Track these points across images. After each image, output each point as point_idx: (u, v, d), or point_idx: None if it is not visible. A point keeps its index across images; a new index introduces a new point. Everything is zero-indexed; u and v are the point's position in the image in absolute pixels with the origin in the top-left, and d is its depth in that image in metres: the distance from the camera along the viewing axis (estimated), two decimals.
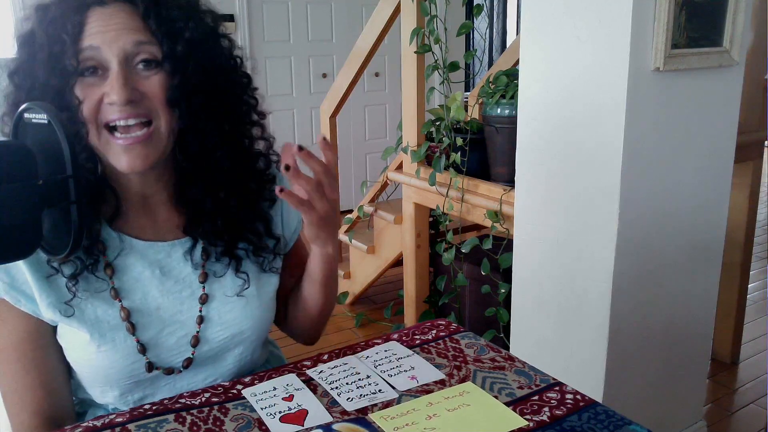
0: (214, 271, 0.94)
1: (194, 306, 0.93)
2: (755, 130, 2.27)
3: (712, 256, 1.81)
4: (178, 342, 0.93)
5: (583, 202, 1.60)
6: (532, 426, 0.79)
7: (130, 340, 0.89)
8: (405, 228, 2.66)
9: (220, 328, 0.94)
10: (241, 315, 0.95)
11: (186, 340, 0.93)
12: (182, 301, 0.93)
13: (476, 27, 2.57)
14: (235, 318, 0.95)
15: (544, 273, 1.75)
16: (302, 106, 4.55)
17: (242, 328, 0.96)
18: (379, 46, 2.82)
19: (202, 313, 0.94)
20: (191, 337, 0.93)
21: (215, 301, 0.94)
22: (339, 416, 0.81)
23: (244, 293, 0.95)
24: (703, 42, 1.53)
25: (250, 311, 0.96)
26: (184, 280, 0.93)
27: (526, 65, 1.69)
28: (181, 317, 0.93)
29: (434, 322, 1.07)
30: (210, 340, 0.94)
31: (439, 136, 2.43)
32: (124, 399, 0.93)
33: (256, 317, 0.97)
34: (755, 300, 3.05)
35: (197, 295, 0.94)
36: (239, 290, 0.95)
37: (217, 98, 0.87)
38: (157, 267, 0.92)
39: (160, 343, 0.91)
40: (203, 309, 0.94)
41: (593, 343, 1.64)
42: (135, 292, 0.91)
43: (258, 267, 0.97)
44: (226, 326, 0.94)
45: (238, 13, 4.13)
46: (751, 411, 2.22)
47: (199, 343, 0.94)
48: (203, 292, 0.94)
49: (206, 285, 0.94)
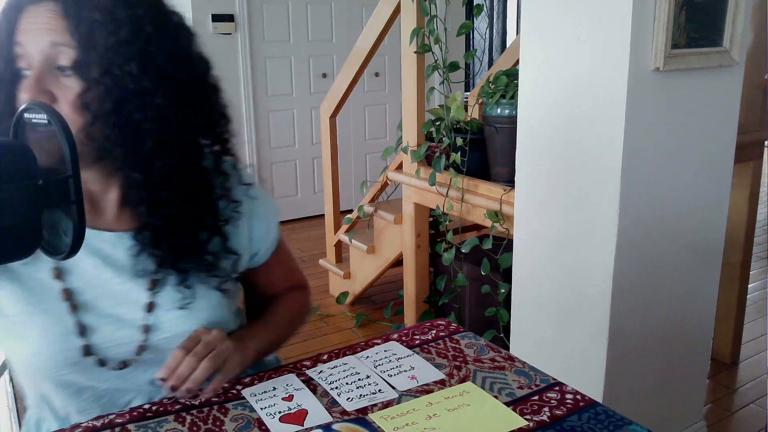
0: (160, 279, 0.90)
1: (136, 308, 0.90)
2: (755, 130, 2.27)
3: (712, 256, 1.81)
4: (118, 340, 0.89)
5: (583, 202, 1.60)
6: (532, 426, 0.79)
7: (70, 318, 0.86)
8: (405, 228, 2.66)
9: (163, 333, 0.91)
10: (184, 327, 0.91)
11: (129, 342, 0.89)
12: (120, 295, 0.89)
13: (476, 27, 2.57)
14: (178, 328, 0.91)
15: (544, 273, 1.75)
16: (302, 106, 4.55)
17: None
18: (379, 46, 2.82)
19: (147, 321, 0.90)
20: (136, 345, 0.90)
21: (159, 309, 0.90)
22: (339, 416, 0.81)
23: (188, 306, 0.91)
24: (703, 42, 1.53)
25: (192, 324, 0.91)
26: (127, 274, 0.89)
27: (526, 65, 1.69)
28: (118, 311, 0.89)
29: (434, 322, 1.07)
30: (156, 347, 0.91)
31: (439, 136, 2.44)
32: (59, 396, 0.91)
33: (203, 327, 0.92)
34: (755, 300, 3.05)
35: (142, 300, 0.90)
36: (183, 303, 0.91)
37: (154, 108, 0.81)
38: (99, 257, 0.89)
39: (100, 330, 0.88)
40: (148, 317, 0.90)
41: (593, 343, 1.64)
42: (77, 276, 0.88)
43: (206, 283, 0.92)
44: (172, 334, 0.91)
45: (238, 13, 4.14)
46: (751, 411, 2.22)
47: (145, 351, 0.90)
48: (148, 299, 0.90)
49: (152, 292, 0.90)
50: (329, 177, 3.24)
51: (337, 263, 3.31)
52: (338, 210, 3.30)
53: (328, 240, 3.34)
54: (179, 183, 0.86)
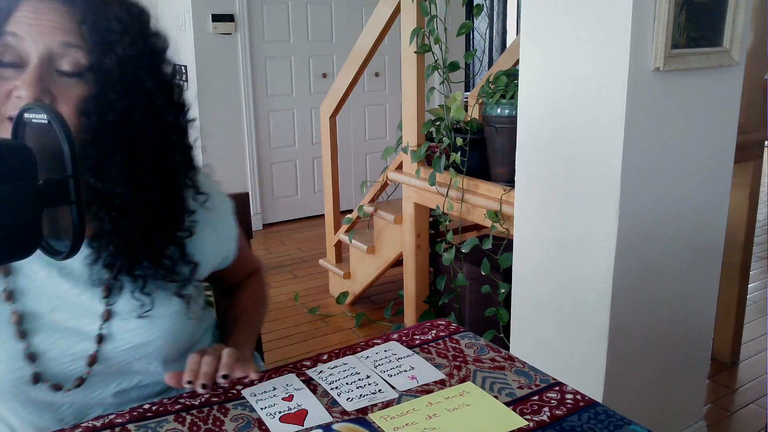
0: (117, 287, 0.89)
1: (93, 319, 0.88)
2: (755, 130, 2.27)
3: (712, 256, 1.81)
4: (72, 356, 0.87)
5: (583, 202, 1.60)
6: (532, 426, 0.79)
7: (18, 345, 0.84)
8: (405, 228, 2.66)
9: (122, 343, 0.89)
10: (145, 336, 0.90)
11: (81, 354, 0.87)
12: (79, 306, 0.87)
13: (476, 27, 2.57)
14: (138, 337, 0.89)
15: (544, 273, 1.75)
16: (302, 106, 4.55)
17: (147, 348, 0.90)
18: (379, 46, 2.82)
19: (102, 330, 0.88)
20: (88, 353, 0.87)
21: (117, 318, 0.88)
22: (339, 416, 0.81)
23: (147, 314, 0.89)
24: (703, 42, 1.53)
25: (154, 332, 0.90)
26: (84, 284, 0.87)
27: (526, 65, 1.69)
28: (76, 324, 0.87)
29: (434, 322, 1.07)
30: (108, 356, 0.89)
31: (439, 136, 2.44)
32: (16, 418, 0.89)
33: (163, 338, 0.91)
34: (755, 300, 3.05)
35: (98, 310, 0.88)
36: (141, 311, 0.89)
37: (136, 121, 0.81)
38: (54, 267, 0.86)
39: (52, 351, 0.86)
40: (104, 326, 0.88)
41: (593, 343, 1.64)
42: (28, 294, 0.85)
43: (166, 290, 0.91)
44: (128, 341, 0.89)
45: (238, 13, 4.14)
46: (751, 411, 2.22)
47: (96, 362, 0.88)
48: (105, 308, 0.88)
49: (108, 300, 0.88)
50: (329, 177, 3.24)
51: (337, 263, 3.31)
52: (338, 210, 3.30)
53: (328, 240, 3.34)
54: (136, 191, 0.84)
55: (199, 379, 0.85)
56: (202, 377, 0.85)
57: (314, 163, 4.66)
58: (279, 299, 3.29)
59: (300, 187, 4.67)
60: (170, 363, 0.94)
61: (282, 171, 4.57)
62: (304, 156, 4.64)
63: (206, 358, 0.87)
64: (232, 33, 4.15)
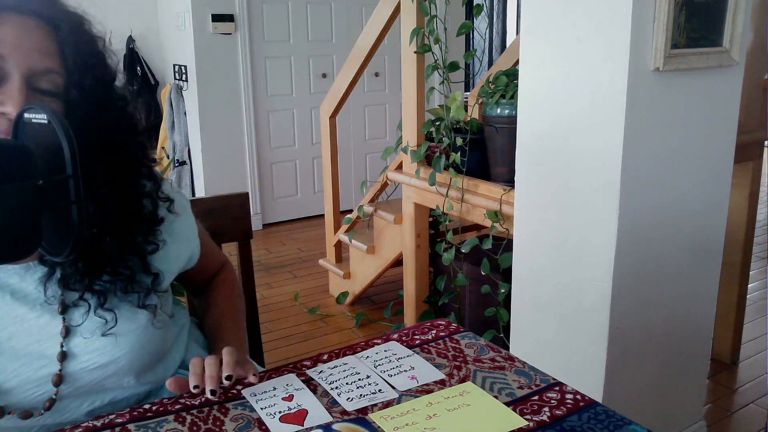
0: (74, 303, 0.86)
1: (55, 340, 0.84)
2: (755, 130, 2.27)
3: (712, 256, 1.81)
4: (37, 381, 0.84)
5: (583, 202, 1.60)
6: (532, 426, 0.79)
7: None
8: (405, 228, 2.66)
9: (88, 363, 0.86)
10: (112, 352, 0.87)
11: (46, 378, 0.84)
12: (39, 330, 0.84)
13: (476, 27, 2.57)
14: (105, 356, 0.87)
15: (544, 273, 1.75)
16: (302, 106, 4.55)
17: (117, 365, 0.88)
18: (379, 46, 2.82)
19: (63, 348, 0.84)
20: (53, 375, 0.84)
21: (78, 335, 0.85)
22: (339, 416, 0.81)
23: (111, 331, 0.86)
24: (703, 42, 1.53)
25: (122, 349, 0.87)
26: (42, 307, 0.84)
27: (526, 65, 1.69)
28: (38, 349, 0.84)
29: (434, 322, 1.07)
30: (76, 377, 0.86)
31: (439, 136, 2.44)
32: None
33: (131, 353, 0.88)
34: (755, 300, 3.05)
35: (57, 328, 0.84)
36: (105, 329, 0.86)
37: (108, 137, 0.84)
38: (7, 292, 0.83)
39: (15, 380, 0.83)
40: (65, 344, 0.85)
41: (593, 343, 1.64)
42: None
43: (128, 303, 0.88)
44: (95, 361, 0.86)
45: (238, 13, 4.14)
46: (751, 411, 2.22)
47: (63, 382, 0.85)
48: (63, 324, 0.85)
49: (66, 317, 0.85)
50: (329, 177, 3.24)
51: (337, 263, 3.31)
52: (338, 210, 3.30)
53: (328, 240, 3.34)
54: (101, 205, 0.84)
55: (208, 385, 0.83)
56: (209, 381, 0.84)
57: (314, 163, 4.66)
58: (279, 299, 3.29)
59: (300, 187, 4.67)
60: (143, 374, 0.93)
61: (282, 171, 4.57)
62: (304, 156, 4.64)
63: (209, 360, 0.87)
64: (232, 33, 4.15)
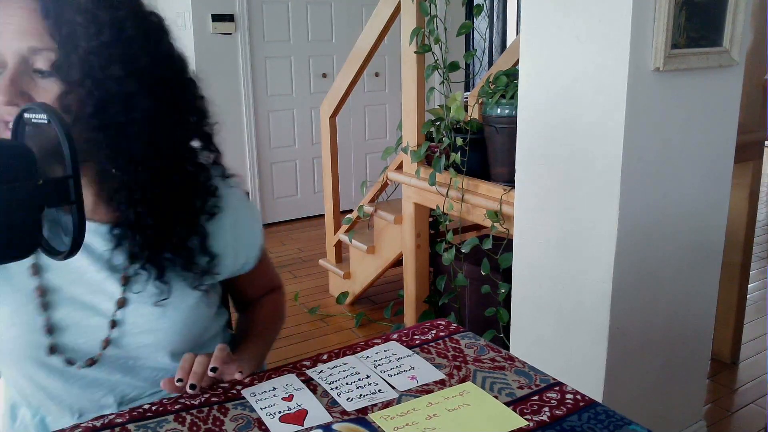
0: (135, 274, 0.90)
1: (110, 304, 0.90)
2: (755, 130, 2.27)
3: (712, 256, 1.81)
4: (86, 329, 0.90)
5: (583, 202, 1.60)
6: (532, 426, 0.79)
7: (39, 317, 0.88)
8: (405, 228, 2.66)
9: (132, 327, 0.91)
10: (157, 324, 0.91)
11: (95, 336, 0.90)
12: (96, 285, 0.90)
13: (476, 27, 2.57)
14: (149, 323, 0.91)
15: (544, 273, 1.75)
16: (302, 106, 4.55)
17: (157, 337, 0.92)
18: (379, 46, 2.82)
19: (116, 316, 0.90)
20: (101, 340, 0.90)
21: (132, 305, 0.91)
22: (339, 416, 0.81)
23: (162, 303, 0.91)
24: (703, 42, 1.53)
25: (166, 322, 0.92)
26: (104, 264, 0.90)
27: (526, 65, 1.69)
28: (92, 301, 0.90)
29: (434, 322, 1.07)
30: (121, 344, 0.91)
31: (439, 136, 2.44)
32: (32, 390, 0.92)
33: (174, 329, 0.93)
34: (755, 300, 3.05)
35: (114, 287, 0.90)
36: (157, 299, 0.91)
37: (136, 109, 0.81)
38: None
39: (68, 324, 0.89)
40: (118, 312, 0.91)
41: (593, 343, 1.64)
42: (50, 269, 0.89)
43: (184, 281, 0.92)
44: (139, 326, 0.91)
45: (238, 13, 4.14)
46: (751, 411, 2.22)
47: (109, 346, 0.91)
48: (122, 295, 0.90)
49: (125, 288, 0.91)
50: (329, 177, 3.24)
51: (337, 263, 3.31)
52: (338, 210, 3.30)
53: (328, 240, 3.34)
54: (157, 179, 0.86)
55: (189, 379, 0.85)
56: (192, 376, 0.85)
57: (314, 163, 4.66)
58: None
59: (300, 187, 4.67)
60: (177, 357, 0.93)
61: (282, 171, 4.57)
62: (304, 156, 4.64)
63: (199, 358, 0.88)
64: (232, 33, 4.15)
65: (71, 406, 0.93)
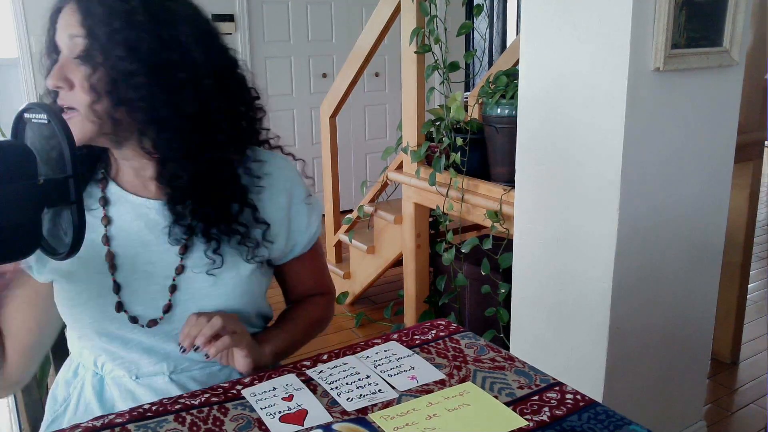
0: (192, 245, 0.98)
1: (170, 273, 0.98)
2: (755, 130, 2.27)
3: (712, 256, 1.81)
4: (149, 298, 0.98)
5: (583, 202, 1.60)
6: (532, 426, 0.79)
7: (108, 278, 0.96)
8: (405, 228, 2.66)
9: (188, 299, 0.98)
10: (209, 289, 0.98)
11: (157, 301, 0.98)
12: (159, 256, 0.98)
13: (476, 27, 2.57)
14: (202, 287, 0.98)
15: (544, 273, 1.75)
16: (302, 106, 4.55)
17: (212, 303, 0.98)
18: (379, 46, 2.82)
19: (175, 282, 0.98)
20: (163, 305, 0.98)
21: (188, 272, 0.98)
22: (339, 416, 0.81)
23: (214, 272, 0.98)
24: (703, 42, 1.53)
25: (219, 288, 0.98)
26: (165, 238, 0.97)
27: (526, 65, 1.69)
28: (154, 270, 0.98)
29: (434, 322, 1.07)
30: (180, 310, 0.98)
31: (439, 136, 2.44)
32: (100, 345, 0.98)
33: (225, 295, 0.99)
34: (755, 300, 3.05)
35: (172, 257, 0.98)
36: (210, 268, 0.97)
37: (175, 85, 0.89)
38: (143, 220, 0.98)
39: (133, 286, 0.97)
40: (177, 278, 0.98)
41: (593, 343, 1.64)
42: (119, 238, 0.98)
43: (238, 254, 0.99)
44: (191, 292, 0.98)
45: (238, 13, 4.14)
46: (751, 411, 2.22)
47: (170, 311, 0.98)
48: (180, 263, 0.98)
49: (183, 257, 0.98)
50: (329, 177, 3.24)
51: (337, 263, 3.31)
52: (338, 210, 3.30)
53: (328, 240, 3.34)
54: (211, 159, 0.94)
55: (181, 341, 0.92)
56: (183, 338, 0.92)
57: (314, 163, 4.66)
58: (279, 299, 3.28)
59: None
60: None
61: None
62: (304, 156, 4.60)
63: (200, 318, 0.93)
64: (232, 33, 4.15)
65: (129, 367, 0.99)
